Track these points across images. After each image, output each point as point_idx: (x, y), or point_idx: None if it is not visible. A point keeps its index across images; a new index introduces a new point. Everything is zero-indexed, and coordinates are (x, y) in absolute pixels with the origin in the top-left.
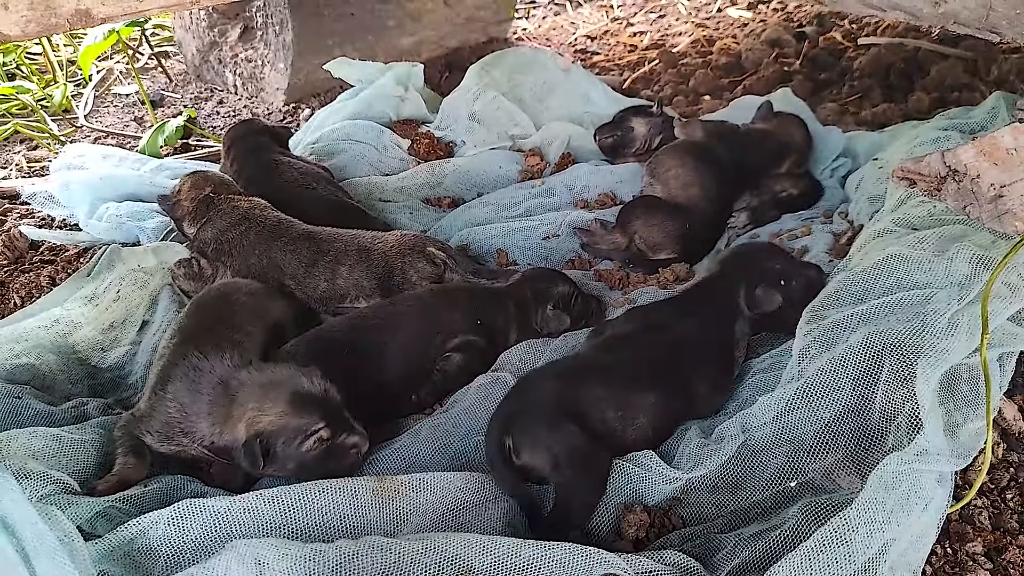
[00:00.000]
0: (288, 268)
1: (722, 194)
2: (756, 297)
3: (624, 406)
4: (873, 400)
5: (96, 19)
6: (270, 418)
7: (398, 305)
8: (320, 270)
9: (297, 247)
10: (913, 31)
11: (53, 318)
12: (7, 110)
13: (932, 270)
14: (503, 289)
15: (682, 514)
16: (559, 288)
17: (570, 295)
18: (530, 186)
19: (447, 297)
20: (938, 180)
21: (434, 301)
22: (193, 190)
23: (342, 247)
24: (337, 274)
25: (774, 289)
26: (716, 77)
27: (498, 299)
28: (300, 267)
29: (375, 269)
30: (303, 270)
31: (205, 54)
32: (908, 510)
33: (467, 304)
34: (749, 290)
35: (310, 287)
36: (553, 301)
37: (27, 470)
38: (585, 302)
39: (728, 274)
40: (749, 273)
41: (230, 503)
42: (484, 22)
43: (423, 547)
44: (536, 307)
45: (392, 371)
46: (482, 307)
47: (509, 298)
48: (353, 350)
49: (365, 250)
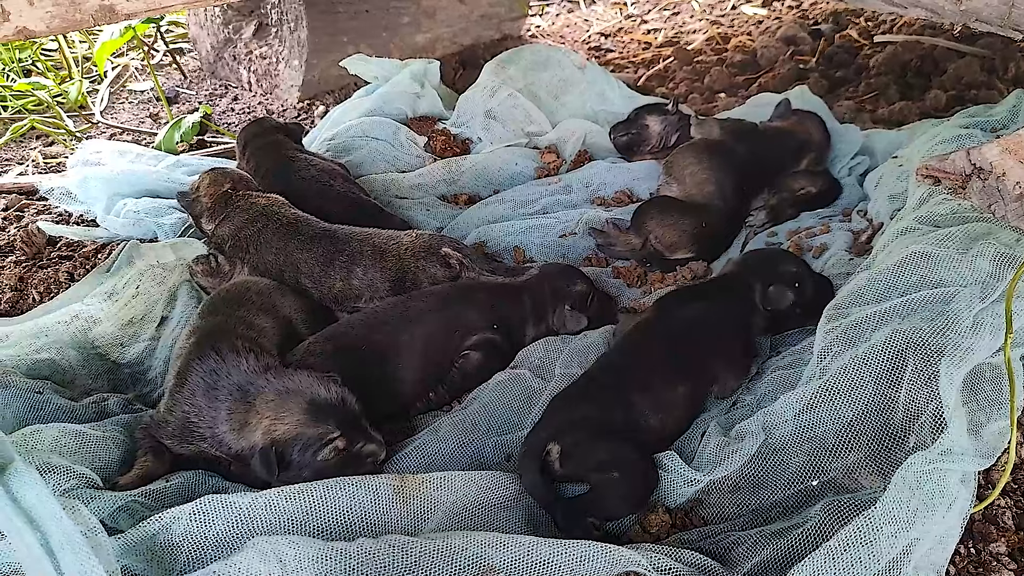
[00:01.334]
0: (304, 266)
1: (739, 192)
2: (769, 293)
3: (663, 406)
4: (896, 399)
5: (120, 15)
6: (286, 427)
7: (416, 302)
8: (336, 270)
9: (314, 245)
10: (930, 29)
11: (72, 314)
12: (24, 106)
13: (956, 268)
14: (520, 284)
15: (703, 515)
16: (577, 287)
17: (587, 294)
18: (547, 183)
19: (465, 294)
20: (963, 178)
21: (452, 298)
22: (212, 186)
23: (357, 247)
24: (352, 274)
25: (787, 288)
26: (731, 75)
27: (515, 295)
28: (316, 266)
29: (389, 271)
30: (319, 269)
31: (220, 51)
32: (932, 510)
33: (485, 301)
34: (763, 287)
35: (326, 286)
36: (571, 300)
37: (51, 464)
38: (602, 301)
39: (745, 272)
40: (765, 272)
41: (252, 499)
42: (498, 19)
43: (444, 546)
44: (553, 304)
45: (410, 368)
46: (500, 304)
47: (526, 293)
48: (371, 348)
49: (380, 251)
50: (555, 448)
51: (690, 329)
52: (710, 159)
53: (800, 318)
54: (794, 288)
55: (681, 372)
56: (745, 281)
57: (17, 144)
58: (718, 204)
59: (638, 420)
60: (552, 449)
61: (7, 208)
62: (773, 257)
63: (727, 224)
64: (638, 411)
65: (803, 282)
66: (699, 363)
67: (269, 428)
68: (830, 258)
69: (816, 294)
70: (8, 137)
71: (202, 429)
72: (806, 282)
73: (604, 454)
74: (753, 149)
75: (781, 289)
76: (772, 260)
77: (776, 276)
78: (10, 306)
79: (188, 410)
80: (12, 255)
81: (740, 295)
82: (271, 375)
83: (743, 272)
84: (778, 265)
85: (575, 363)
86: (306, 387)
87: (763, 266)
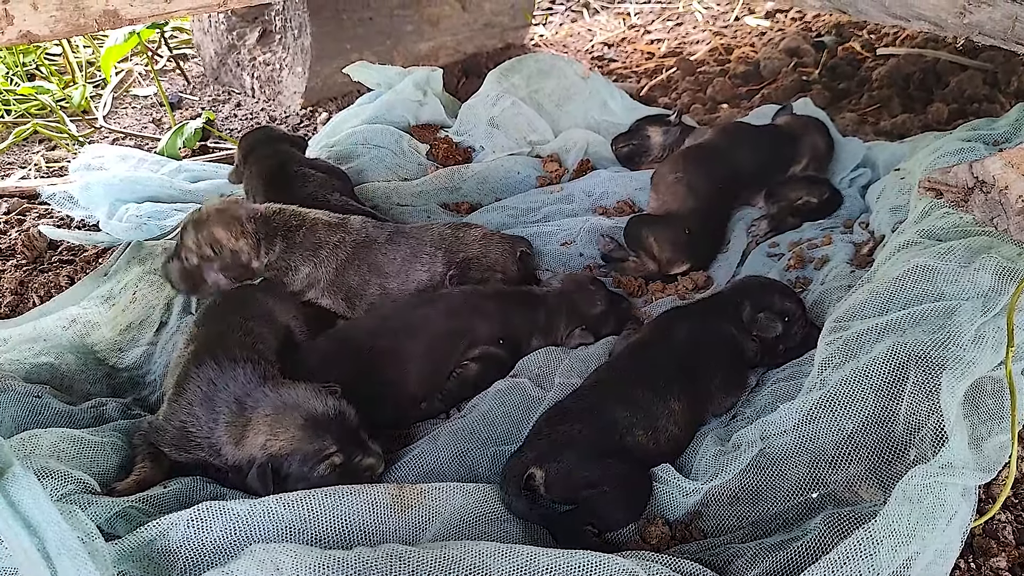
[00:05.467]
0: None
1: (718, 189)
2: (759, 320)
3: (655, 424)
4: (897, 412)
5: (124, 20)
6: (283, 442)
7: (425, 308)
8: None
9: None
10: (932, 42)
11: (70, 318)
12: (27, 110)
13: (957, 282)
14: (540, 297)
15: (702, 527)
16: (595, 310)
17: (603, 315)
18: (549, 192)
19: (476, 304)
20: (965, 191)
21: (462, 306)
22: (230, 228)
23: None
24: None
25: (777, 319)
26: (734, 85)
27: (530, 306)
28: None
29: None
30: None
31: (223, 57)
32: (933, 524)
33: (495, 313)
34: (753, 313)
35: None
36: (586, 323)
37: (48, 469)
38: (616, 319)
39: (738, 296)
40: (758, 299)
41: (250, 506)
42: (501, 28)
43: (442, 555)
44: (567, 323)
45: (412, 374)
46: (510, 315)
47: (543, 307)
48: (376, 350)
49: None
50: (539, 474)
51: (684, 348)
52: (684, 164)
53: (781, 356)
54: (784, 322)
55: (674, 390)
56: (736, 305)
57: (20, 148)
58: (692, 205)
59: (627, 438)
60: (536, 474)
61: (8, 212)
62: (770, 287)
63: (711, 223)
64: (627, 429)
65: (795, 317)
66: (693, 381)
67: (266, 443)
68: (832, 270)
69: (805, 335)
70: (11, 141)
71: (199, 439)
72: (798, 319)
73: (591, 474)
74: (742, 146)
75: (771, 319)
76: (768, 290)
77: (768, 305)
78: (10, 310)
79: (186, 419)
80: (13, 259)
81: (730, 317)
82: (269, 387)
83: (735, 295)
84: (774, 296)
85: (575, 373)
86: (303, 401)
87: (757, 293)
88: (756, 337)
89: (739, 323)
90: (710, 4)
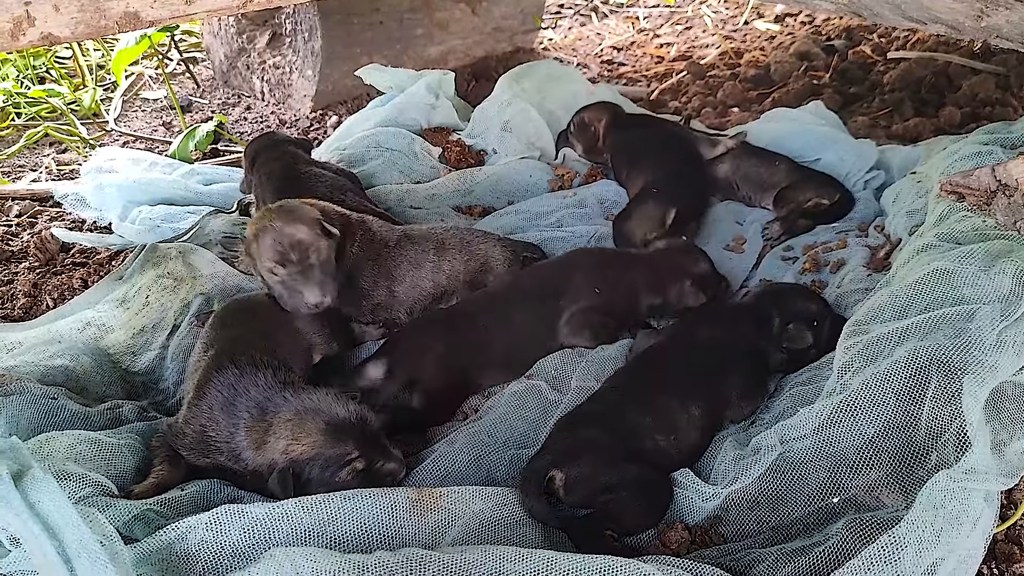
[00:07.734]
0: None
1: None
2: (789, 332)
3: (673, 428)
4: (919, 416)
5: (145, 22)
6: (304, 447)
7: (527, 278)
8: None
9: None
10: (943, 45)
11: (85, 321)
12: (37, 113)
13: (978, 285)
14: (641, 256)
15: (723, 531)
16: (698, 268)
17: (709, 274)
18: (562, 196)
19: (570, 263)
20: (987, 195)
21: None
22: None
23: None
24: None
25: (806, 328)
26: (744, 89)
27: (633, 265)
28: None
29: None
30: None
31: (233, 60)
32: (957, 529)
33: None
34: (782, 325)
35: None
36: (692, 280)
37: (66, 472)
38: (716, 282)
39: (764, 306)
40: (786, 310)
41: (269, 510)
42: (511, 32)
43: (462, 560)
44: (672, 279)
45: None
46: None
47: (645, 264)
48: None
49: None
50: (559, 476)
51: (706, 355)
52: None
53: (811, 359)
54: (813, 328)
55: (695, 396)
56: (764, 314)
57: (31, 151)
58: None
59: (646, 442)
60: (556, 476)
61: (21, 214)
62: (795, 294)
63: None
64: (646, 433)
65: (823, 321)
66: (713, 388)
67: (287, 447)
68: (847, 273)
69: (833, 336)
70: (22, 144)
71: (219, 443)
72: (825, 321)
73: (611, 478)
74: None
75: (800, 329)
76: (793, 297)
77: (796, 314)
78: (24, 312)
79: (206, 423)
80: (26, 261)
81: (756, 326)
82: (289, 392)
83: (762, 305)
84: (799, 303)
85: (591, 376)
86: (325, 406)
87: (784, 302)
88: (784, 348)
89: (766, 334)
90: (719, 8)
